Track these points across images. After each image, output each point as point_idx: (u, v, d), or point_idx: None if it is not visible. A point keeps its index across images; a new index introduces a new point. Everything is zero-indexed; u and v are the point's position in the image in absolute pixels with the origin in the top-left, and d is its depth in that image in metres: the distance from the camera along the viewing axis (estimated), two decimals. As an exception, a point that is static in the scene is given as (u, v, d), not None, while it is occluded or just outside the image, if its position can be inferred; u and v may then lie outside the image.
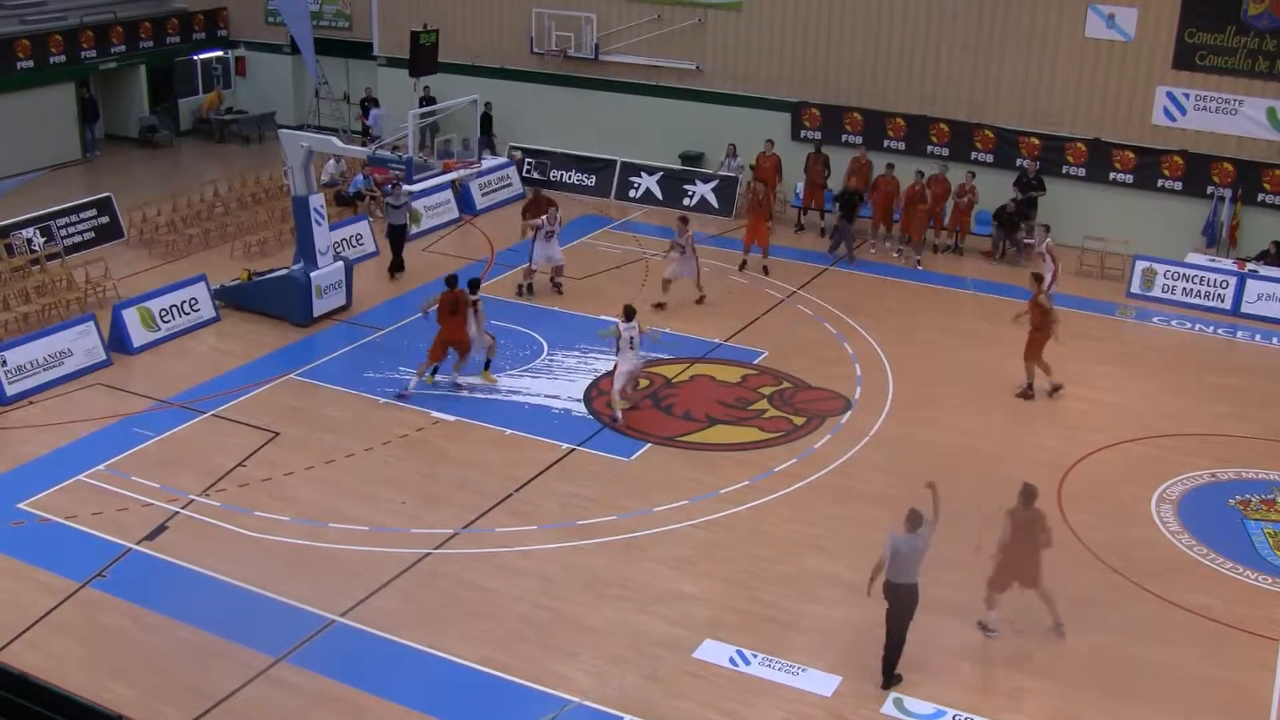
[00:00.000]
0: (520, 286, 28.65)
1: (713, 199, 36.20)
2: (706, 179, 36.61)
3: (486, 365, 24.16)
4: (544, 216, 28.77)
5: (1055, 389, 24.87)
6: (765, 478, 20.91)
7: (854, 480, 21.03)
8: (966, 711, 15.31)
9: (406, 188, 28.79)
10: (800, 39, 36.40)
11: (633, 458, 21.49)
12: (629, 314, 22.78)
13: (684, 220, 28.38)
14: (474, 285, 23.90)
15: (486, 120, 38.08)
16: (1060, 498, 20.76)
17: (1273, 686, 16.07)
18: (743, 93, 37.17)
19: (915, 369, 25.59)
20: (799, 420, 23.17)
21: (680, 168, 37.31)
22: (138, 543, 18.40)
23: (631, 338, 22.61)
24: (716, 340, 26.28)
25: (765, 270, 30.71)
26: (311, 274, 26.35)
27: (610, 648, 16.30)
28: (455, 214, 34.44)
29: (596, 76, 38.64)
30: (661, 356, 25.29)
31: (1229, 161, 32.98)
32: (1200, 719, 15.47)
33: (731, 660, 16.11)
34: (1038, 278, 25.06)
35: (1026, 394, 24.80)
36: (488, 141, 37.77)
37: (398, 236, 29.99)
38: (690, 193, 36.55)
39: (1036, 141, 34.60)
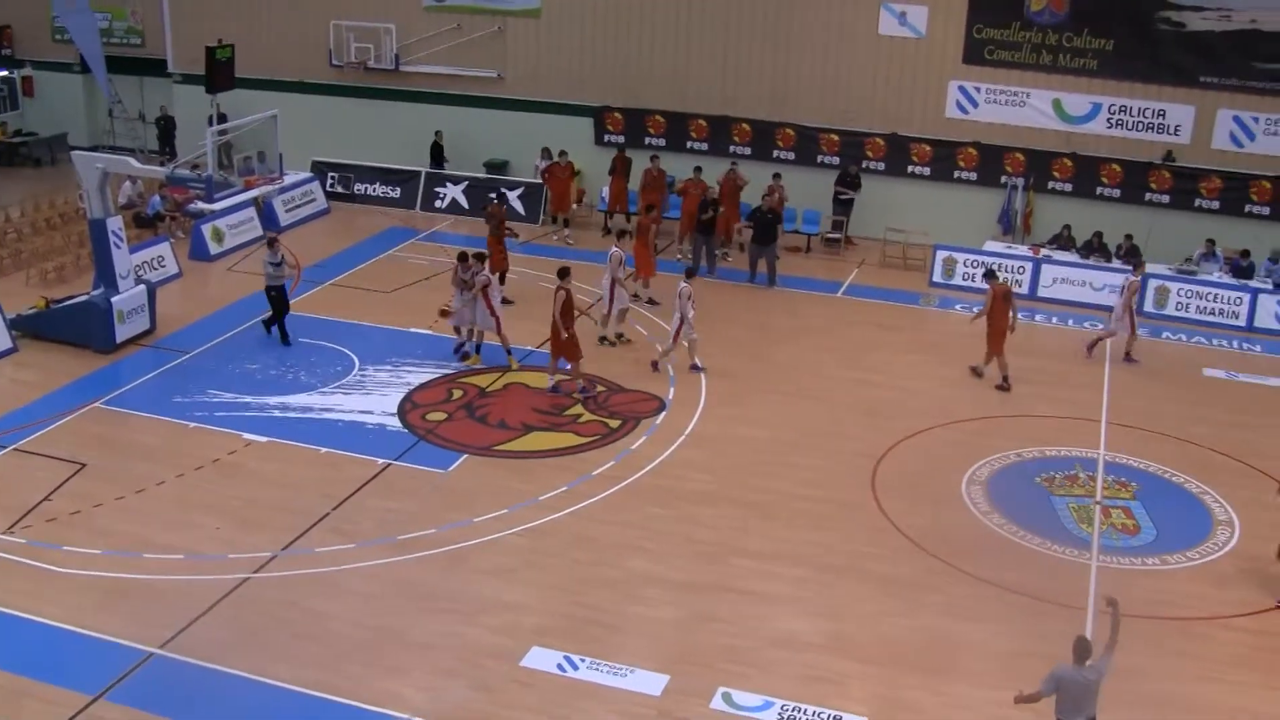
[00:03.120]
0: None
1: (519, 206, 36.14)
2: (512, 186, 36.54)
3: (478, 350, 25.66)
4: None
5: (977, 370, 26.25)
6: (584, 482, 20.95)
7: (672, 480, 21.18)
8: (795, 700, 15.49)
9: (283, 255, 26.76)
10: (600, 44, 36.59)
11: (450, 469, 21.35)
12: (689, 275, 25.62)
13: (463, 258, 25.75)
14: (481, 257, 25.78)
15: (438, 149, 37.75)
16: (874, 486, 21.19)
17: (1084, 656, 16.61)
18: (545, 99, 37.21)
19: (727, 366, 25.88)
20: (614, 423, 23.26)
21: (486, 176, 37.18)
22: (-61, 586, 17.69)
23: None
24: (529, 347, 26.24)
25: (651, 301, 29.73)
26: (112, 299, 25.63)
27: (439, 661, 16.16)
28: (259, 231, 33.81)
29: (398, 87, 38.30)
30: (474, 366, 25.19)
31: (1020, 151, 34.13)
32: (1018, 691, 15.86)
33: (559, 666, 16.08)
34: (992, 274, 26.55)
35: (1002, 386, 25.69)
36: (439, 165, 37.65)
37: (279, 298, 26.36)
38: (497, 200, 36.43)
39: (836, 138, 35.34)
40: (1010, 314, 25.61)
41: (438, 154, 37.56)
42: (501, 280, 28.46)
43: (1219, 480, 21.98)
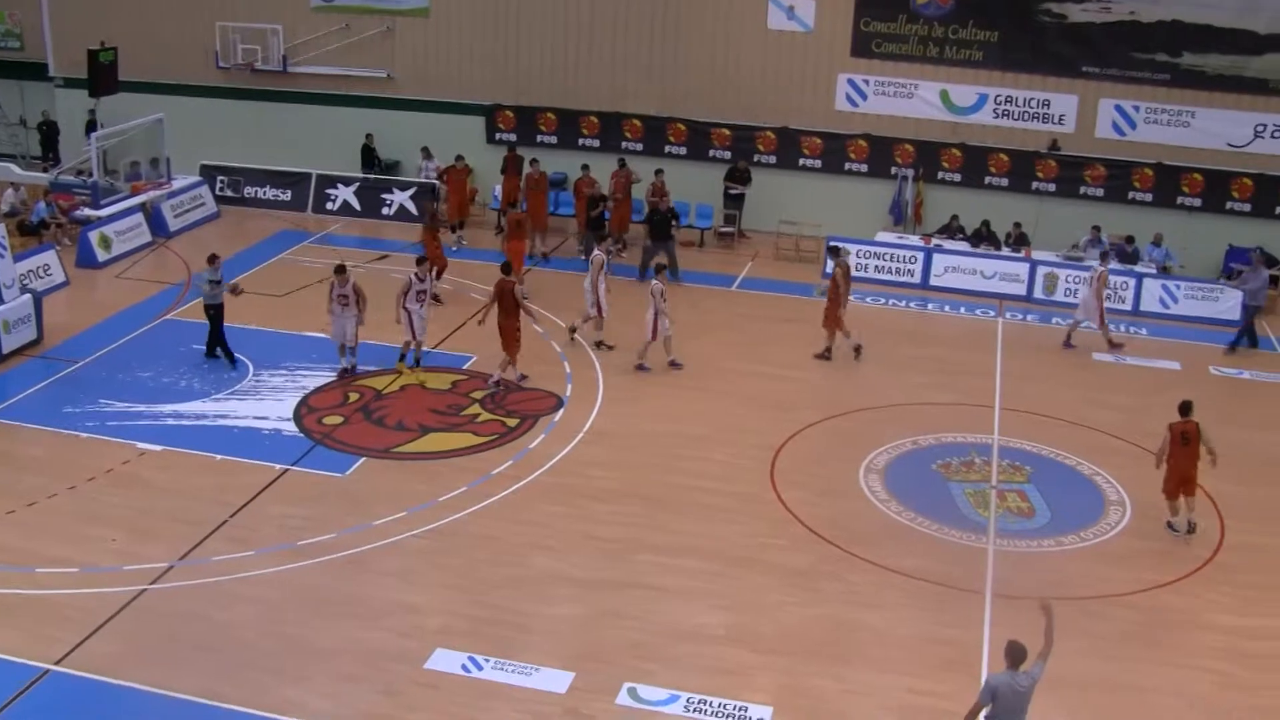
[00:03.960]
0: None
1: (411, 207, 35.91)
2: (404, 187, 36.32)
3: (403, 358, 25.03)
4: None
5: (858, 349, 26.75)
6: (483, 482, 20.88)
7: (572, 477, 21.17)
8: (700, 693, 15.56)
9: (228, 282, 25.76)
10: (490, 42, 36.47)
11: (348, 473, 21.16)
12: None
13: (341, 270, 24.87)
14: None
15: (368, 152, 37.24)
16: (774, 477, 21.34)
17: (982, 639, 16.83)
18: (436, 98, 37.02)
19: (624, 362, 25.91)
20: (512, 422, 23.20)
21: (377, 177, 36.91)
22: None
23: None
24: (426, 347, 26.08)
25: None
26: (-4, 309, 25.15)
27: (342, 667, 16.02)
28: (148, 237, 33.28)
29: (286, 89, 37.87)
30: (369, 368, 24.99)
31: (909, 143, 34.57)
32: (921, 676, 16.08)
33: (464, 667, 16.02)
34: (835, 250, 27.35)
35: (824, 355, 26.58)
36: (373, 169, 37.12)
37: (217, 318, 25.32)
38: (389, 202, 36.22)
39: (727, 132, 35.53)
40: (846, 292, 26.59)
41: (369, 156, 37.16)
42: (438, 277, 28.61)
43: (1110, 462, 22.42)
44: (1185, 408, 20.08)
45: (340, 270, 24.81)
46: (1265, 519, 20.89)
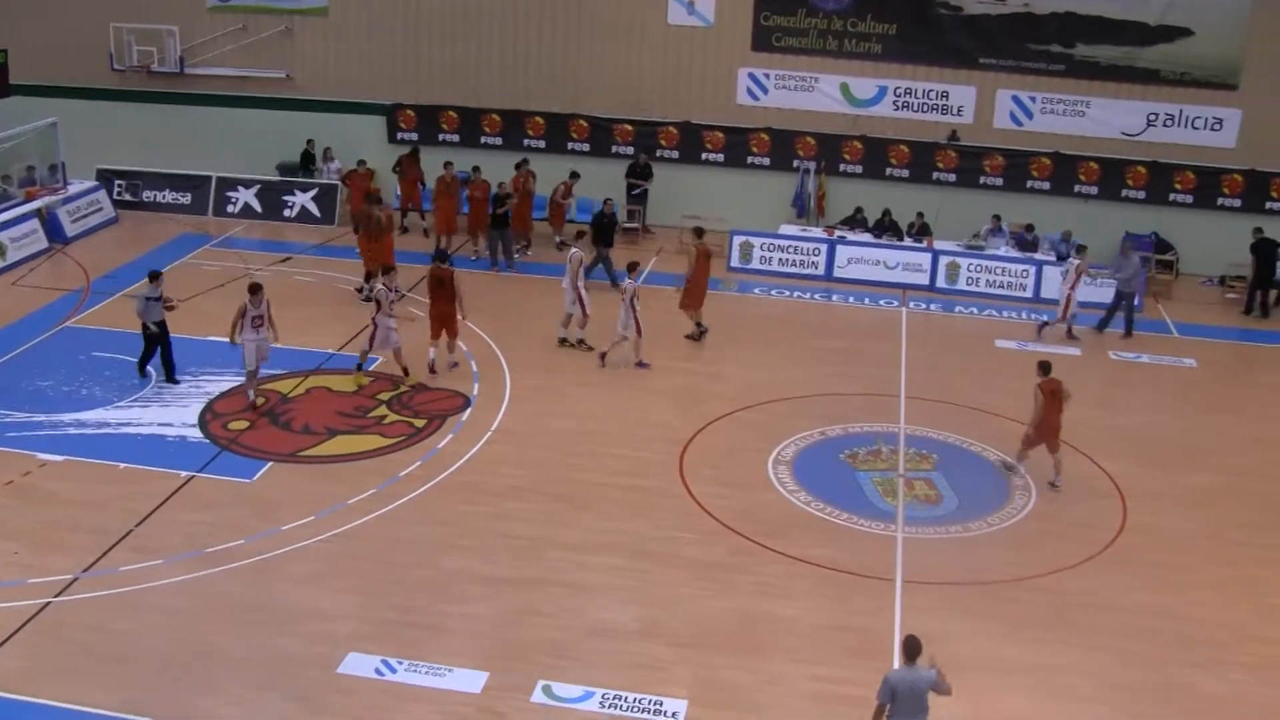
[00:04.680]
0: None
1: (314, 208, 35.59)
2: (306, 188, 35.99)
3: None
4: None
5: (701, 332, 27.32)
6: (392, 483, 20.75)
7: (482, 476, 21.11)
8: (615, 689, 15.58)
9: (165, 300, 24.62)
10: (390, 41, 36.24)
11: (255, 478, 20.95)
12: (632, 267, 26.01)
13: (256, 289, 23.42)
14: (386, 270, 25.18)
15: (308, 157, 36.69)
16: (682, 471, 21.41)
17: (893, 626, 17.00)
18: (336, 98, 36.71)
19: (530, 360, 25.90)
20: (420, 422, 23.09)
21: (279, 179, 36.54)
22: None
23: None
24: (330, 350, 25.89)
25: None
26: (-112, 320, 24.62)
27: (253, 675, 15.86)
28: (44, 243, 32.69)
29: (184, 91, 37.34)
30: (274, 372, 24.70)
31: (810, 136, 34.80)
32: (834, 665, 16.22)
33: (378, 670, 15.92)
34: (699, 232, 27.59)
35: (695, 335, 27.23)
36: (309, 173, 36.62)
37: (159, 335, 24.31)
38: (290, 204, 35.87)
39: (630, 128, 35.58)
40: (704, 271, 27.25)
41: (308, 161, 36.69)
42: (368, 279, 28.57)
43: (1014, 447, 22.65)
44: (1046, 367, 21.70)
45: (256, 289, 23.42)
46: (1164, 499, 21.32)
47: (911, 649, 13.22)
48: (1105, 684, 16.21)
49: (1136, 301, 29.61)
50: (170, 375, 24.41)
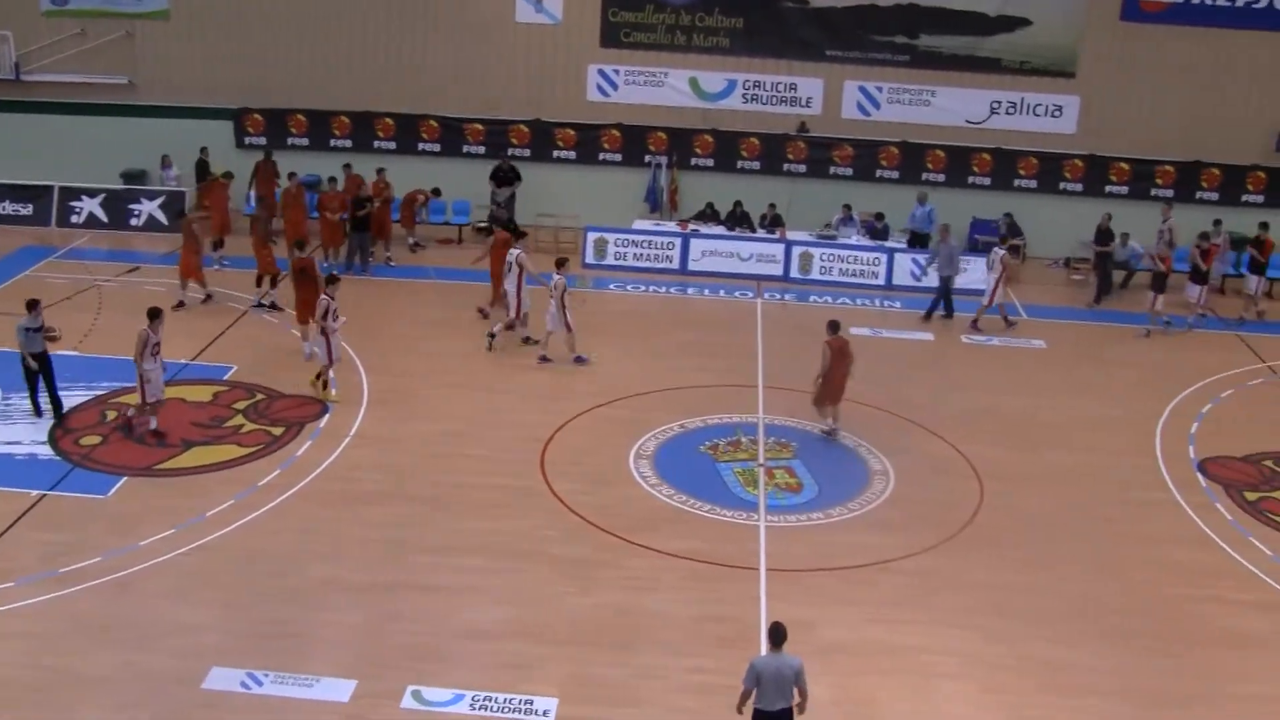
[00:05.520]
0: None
1: (161, 216, 34.86)
2: (153, 196, 35.23)
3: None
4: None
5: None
6: (252, 493, 20.40)
7: (342, 482, 20.85)
8: (485, 690, 15.50)
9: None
10: (235, 44, 35.58)
11: (110, 493, 20.45)
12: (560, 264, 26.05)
13: (157, 315, 22.44)
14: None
15: (203, 166, 35.30)
16: (544, 469, 21.36)
17: (760, 615, 17.13)
18: (181, 104, 35.98)
19: (388, 363, 25.66)
20: (277, 430, 22.74)
21: (124, 187, 35.71)
22: None
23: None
24: (183, 360, 25.38)
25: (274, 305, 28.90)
26: None
27: (117, 695, 15.47)
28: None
29: (21, 98, 36.30)
30: (126, 384, 24.10)
31: (662, 130, 34.96)
32: (703, 656, 16.30)
33: (243, 683, 15.64)
34: (492, 225, 28.00)
35: (484, 310, 28.18)
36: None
37: (41, 367, 22.86)
38: (137, 212, 35.08)
39: (480, 127, 35.43)
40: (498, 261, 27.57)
41: (203, 170, 35.63)
42: (273, 284, 28.26)
43: (871, 432, 23.07)
44: (834, 326, 22.89)
45: (157, 315, 22.67)
46: (1018, 479, 21.79)
47: (777, 635, 13.40)
48: (967, 661, 16.53)
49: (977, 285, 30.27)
50: (57, 411, 23.04)
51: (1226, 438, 23.85)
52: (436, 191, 33.64)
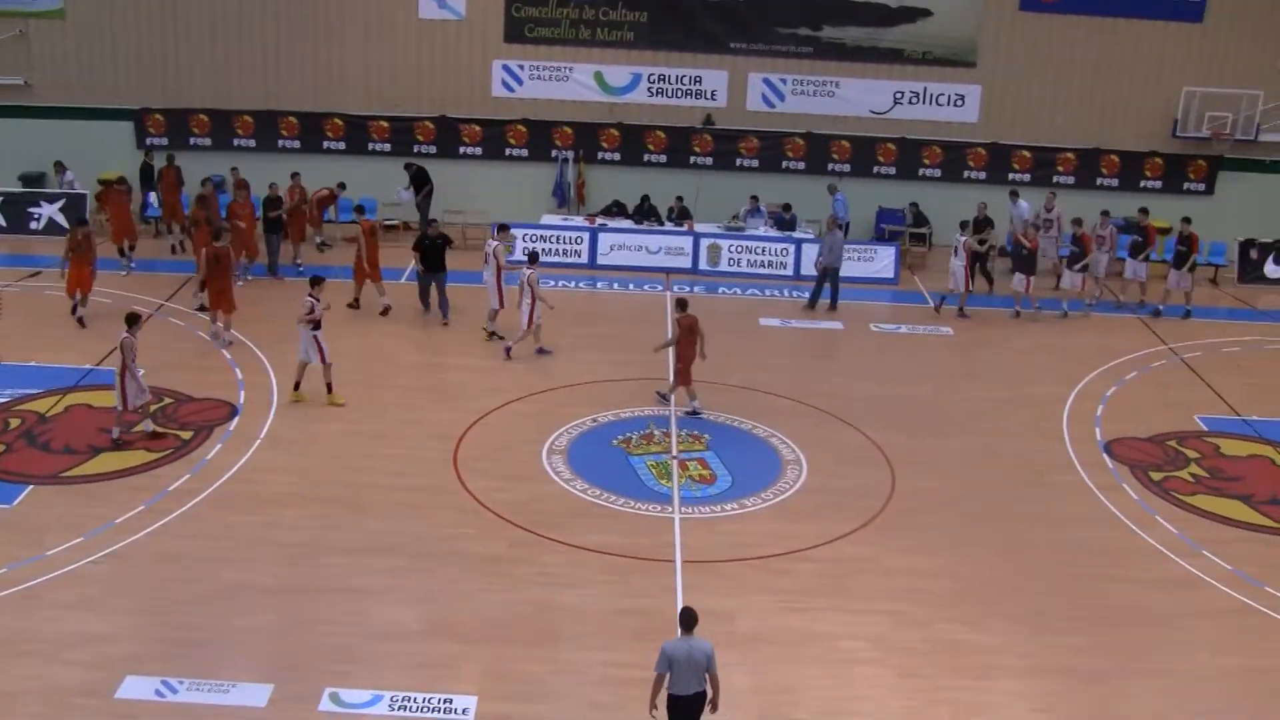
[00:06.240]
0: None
1: (62, 220, 34.23)
2: (52, 199, 34.65)
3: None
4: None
5: (386, 309, 28.51)
6: (162, 498, 20.15)
7: (254, 485, 20.64)
8: (404, 690, 15.43)
9: None
10: (134, 43, 35.11)
11: (15, 503, 20.08)
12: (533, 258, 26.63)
13: (136, 319, 22.34)
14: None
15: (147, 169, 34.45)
16: (457, 467, 21.30)
17: (676, 606, 17.16)
18: (79, 104, 35.40)
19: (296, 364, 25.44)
20: (186, 434, 22.47)
21: (22, 190, 35.07)
22: None
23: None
24: (87, 366, 25.02)
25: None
26: None
27: (26, 709, 15.20)
28: None
29: (-92, 102, 35.67)
30: (30, 391, 23.76)
31: (568, 125, 34.98)
32: (621, 649, 16.31)
33: (158, 692, 15.44)
34: (361, 209, 28.73)
35: (353, 305, 28.77)
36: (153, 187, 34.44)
37: None
38: (37, 215, 34.47)
39: (386, 125, 35.23)
40: (373, 248, 28.53)
41: (148, 173, 34.72)
42: (83, 302, 27.45)
43: (783, 422, 23.22)
44: (682, 304, 23.74)
45: (135, 320, 22.25)
46: (928, 464, 22.08)
47: (688, 619, 13.52)
48: (880, 646, 16.69)
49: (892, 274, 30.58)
50: None
51: (1132, 419, 24.31)
52: (342, 186, 33.33)
